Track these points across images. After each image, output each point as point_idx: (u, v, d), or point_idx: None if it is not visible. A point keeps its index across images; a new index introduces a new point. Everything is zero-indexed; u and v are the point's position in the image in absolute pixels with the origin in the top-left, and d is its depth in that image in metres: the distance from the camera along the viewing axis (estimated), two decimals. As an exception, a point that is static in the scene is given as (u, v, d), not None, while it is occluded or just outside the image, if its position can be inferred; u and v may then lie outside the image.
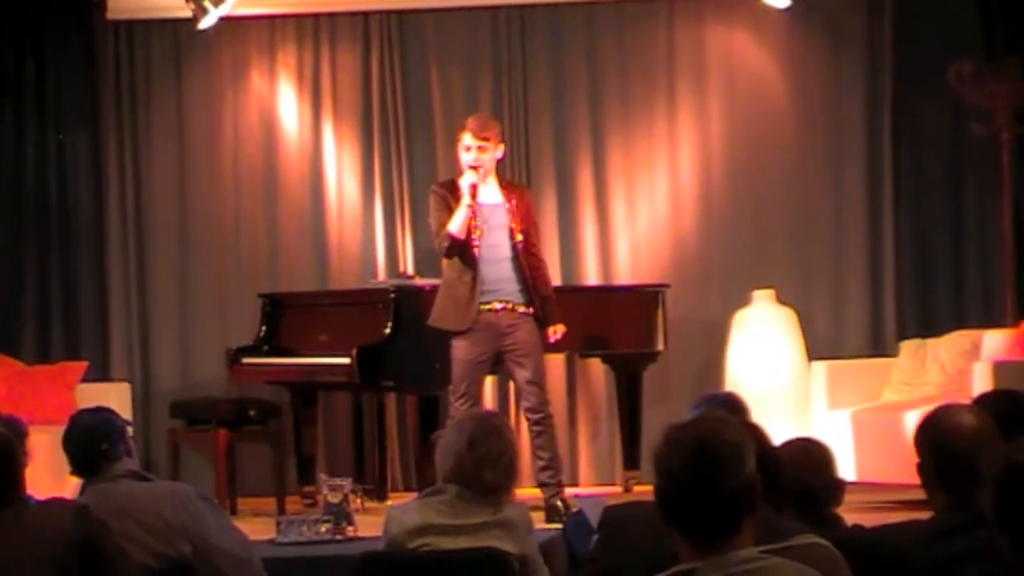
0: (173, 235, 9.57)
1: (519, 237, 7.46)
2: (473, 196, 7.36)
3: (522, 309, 7.45)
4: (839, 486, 4.09)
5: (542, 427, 7.47)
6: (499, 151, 7.53)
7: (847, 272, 9.44)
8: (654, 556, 2.89)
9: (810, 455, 4.07)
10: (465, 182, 7.39)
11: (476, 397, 7.45)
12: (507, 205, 7.48)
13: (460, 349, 7.43)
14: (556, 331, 7.57)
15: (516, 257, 7.46)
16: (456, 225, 7.37)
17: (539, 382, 7.48)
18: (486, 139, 7.44)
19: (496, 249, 7.45)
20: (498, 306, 7.43)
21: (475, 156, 7.41)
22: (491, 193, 7.50)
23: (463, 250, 7.40)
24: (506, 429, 4.48)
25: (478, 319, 7.40)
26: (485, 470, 4.32)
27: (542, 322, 7.50)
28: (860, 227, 9.43)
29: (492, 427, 4.41)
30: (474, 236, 7.39)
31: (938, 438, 3.65)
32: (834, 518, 4.04)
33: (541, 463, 7.49)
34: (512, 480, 4.42)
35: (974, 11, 9.29)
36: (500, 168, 7.69)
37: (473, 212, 7.37)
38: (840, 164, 9.48)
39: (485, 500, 4.34)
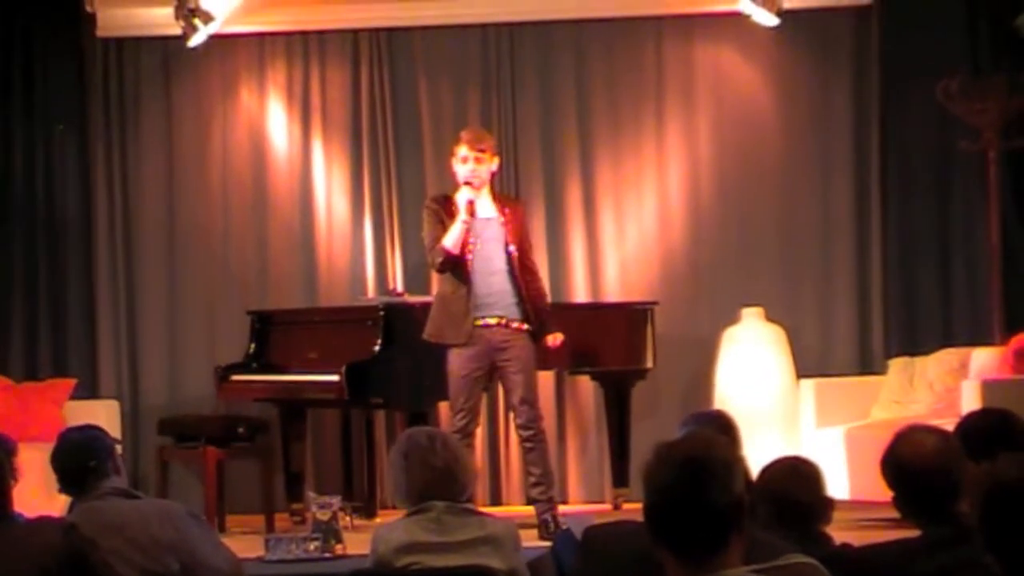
0: (162, 252, 9.55)
1: (512, 250, 7.44)
2: (471, 213, 7.35)
3: (516, 324, 7.42)
4: (828, 504, 4.09)
5: (533, 443, 7.45)
6: (494, 164, 7.52)
7: (835, 289, 9.44)
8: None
9: (799, 473, 4.07)
10: (462, 198, 7.37)
11: (474, 411, 7.41)
12: (501, 218, 7.48)
13: (455, 364, 7.39)
14: (556, 338, 7.56)
15: (510, 271, 7.44)
16: (451, 240, 7.37)
17: (531, 399, 7.45)
18: (482, 150, 7.43)
19: (490, 262, 7.43)
20: (492, 321, 7.40)
21: (472, 168, 7.39)
22: (485, 207, 7.48)
23: (456, 264, 7.40)
24: (436, 433, 4.56)
25: (473, 333, 7.39)
26: (436, 475, 4.38)
27: (537, 335, 7.49)
28: (848, 244, 9.44)
29: (423, 437, 4.47)
30: (468, 250, 7.39)
31: (903, 467, 3.66)
32: (822, 536, 4.04)
33: (532, 479, 7.50)
34: (467, 472, 4.47)
35: (961, 27, 9.31)
36: (492, 183, 7.69)
37: (468, 226, 7.38)
38: (828, 181, 9.48)
39: (471, 516, 4.36)
